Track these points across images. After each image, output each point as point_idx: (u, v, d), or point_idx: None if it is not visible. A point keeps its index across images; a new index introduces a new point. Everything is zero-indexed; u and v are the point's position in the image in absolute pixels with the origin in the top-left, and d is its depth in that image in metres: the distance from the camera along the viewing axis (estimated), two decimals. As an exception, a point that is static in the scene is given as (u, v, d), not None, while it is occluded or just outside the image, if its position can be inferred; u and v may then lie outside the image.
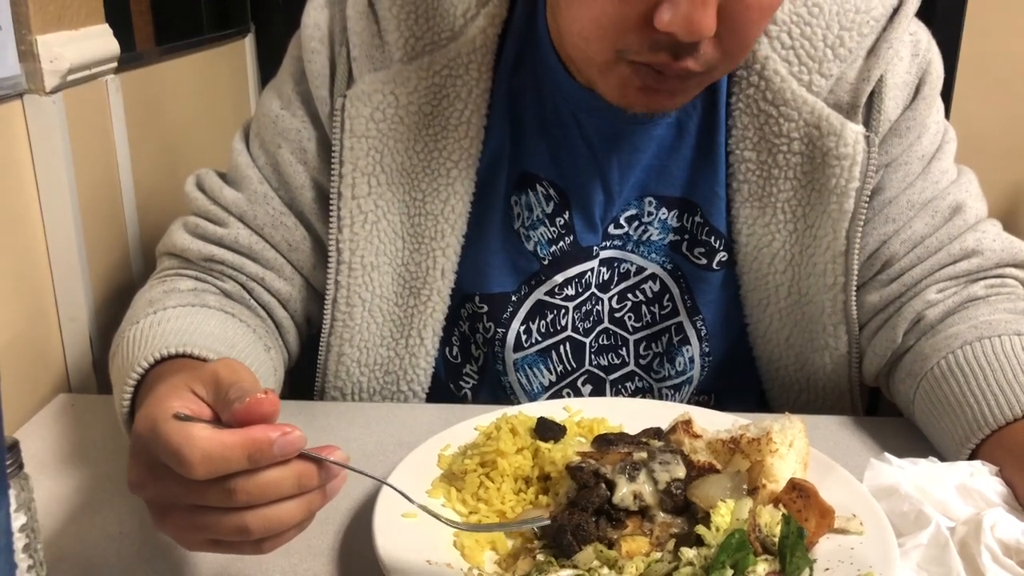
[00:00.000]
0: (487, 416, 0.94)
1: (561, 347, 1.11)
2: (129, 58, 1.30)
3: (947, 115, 1.09)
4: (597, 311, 1.11)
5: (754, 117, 1.02)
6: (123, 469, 0.92)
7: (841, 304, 1.05)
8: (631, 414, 0.95)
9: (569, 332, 1.10)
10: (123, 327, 0.97)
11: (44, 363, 1.15)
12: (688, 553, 0.72)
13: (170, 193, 1.42)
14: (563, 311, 1.10)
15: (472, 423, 0.93)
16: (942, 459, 0.87)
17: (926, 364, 0.97)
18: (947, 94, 1.86)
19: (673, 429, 0.88)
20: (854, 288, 1.04)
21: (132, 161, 1.31)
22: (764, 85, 1.00)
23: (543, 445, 0.87)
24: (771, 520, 0.73)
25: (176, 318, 0.94)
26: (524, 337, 1.10)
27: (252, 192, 1.07)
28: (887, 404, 1.13)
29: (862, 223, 1.01)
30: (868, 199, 1.01)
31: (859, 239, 1.02)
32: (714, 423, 0.90)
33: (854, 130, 0.99)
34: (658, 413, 0.93)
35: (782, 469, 0.79)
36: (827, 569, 0.72)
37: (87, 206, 1.18)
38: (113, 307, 1.23)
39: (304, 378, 1.14)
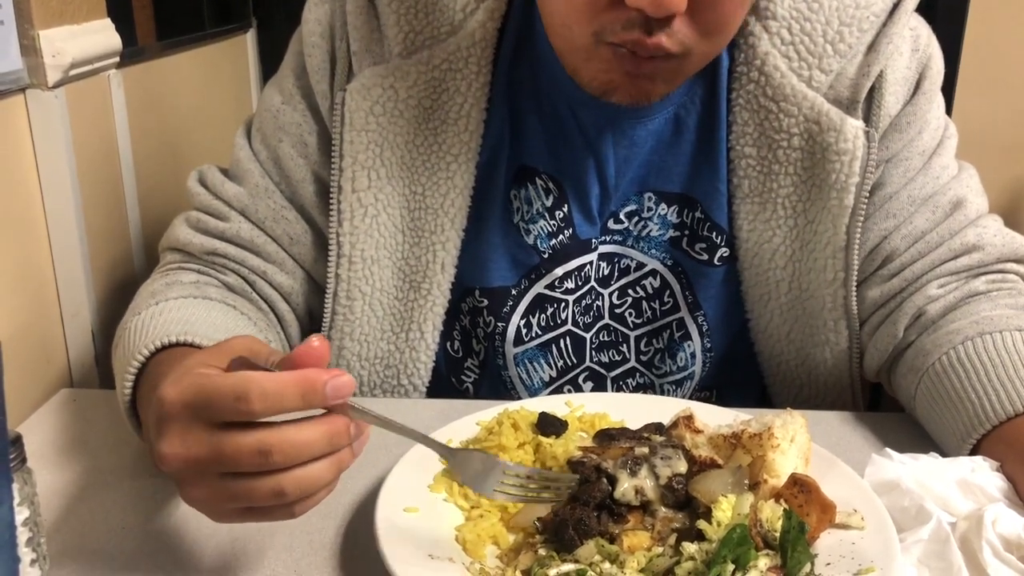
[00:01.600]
0: (488, 411, 0.94)
1: (561, 341, 1.11)
2: (131, 53, 1.30)
3: (949, 111, 1.09)
4: (597, 306, 1.11)
5: (754, 113, 1.02)
6: (126, 463, 0.93)
7: (841, 299, 1.05)
8: (632, 409, 0.95)
9: (569, 326, 1.10)
10: (126, 319, 0.97)
11: (47, 358, 1.15)
12: (689, 548, 0.72)
13: (172, 188, 1.42)
14: (563, 304, 1.10)
15: (473, 418, 0.93)
16: (943, 454, 0.87)
17: (927, 360, 0.98)
18: (949, 90, 1.87)
19: (674, 424, 0.87)
20: (854, 284, 1.04)
21: (134, 156, 1.31)
22: (764, 81, 1.00)
23: (545, 440, 0.87)
24: (772, 515, 0.73)
25: (178, 308, 0.94)
26: (524, 331, 1.10)
27: (254, 186, 1.07)
28: (889, 400, 1.13)
29: (862, 219, 1.01)
30: (868, 195, 1.01)
31: (859, 235, 1.02)
32: (715, 418, 0.89)
33: (854, 125, 0.99)
34: (659, 408, 0.93)
35: (783, 464, 0.79)
36: (828, 564, 0.72)
37: (89, 201, 1.18)
38: (115, 302, 1.23)
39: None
